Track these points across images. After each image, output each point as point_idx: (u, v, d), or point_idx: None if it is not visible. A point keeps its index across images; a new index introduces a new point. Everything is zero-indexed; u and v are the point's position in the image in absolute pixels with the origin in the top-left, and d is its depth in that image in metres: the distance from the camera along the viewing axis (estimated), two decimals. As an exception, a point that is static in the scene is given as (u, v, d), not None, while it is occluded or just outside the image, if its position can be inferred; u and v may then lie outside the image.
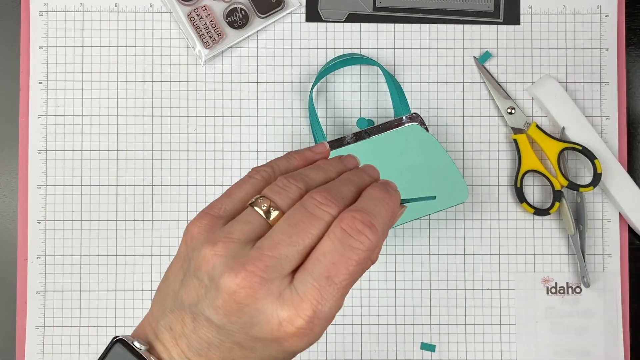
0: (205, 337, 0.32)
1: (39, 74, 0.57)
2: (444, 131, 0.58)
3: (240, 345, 0.32)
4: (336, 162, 0.38)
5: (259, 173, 0.36)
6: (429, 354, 0.57)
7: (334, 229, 0.32)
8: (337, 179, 0.36)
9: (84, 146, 0.57)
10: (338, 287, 0.32)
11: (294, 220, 0.32)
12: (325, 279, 0.31)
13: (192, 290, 0.32)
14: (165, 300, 0.34)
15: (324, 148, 0.39)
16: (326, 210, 0.33)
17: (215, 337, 0.32)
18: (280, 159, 0.38)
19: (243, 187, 0.36)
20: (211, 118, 0.58)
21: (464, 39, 0.58)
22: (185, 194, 0.57)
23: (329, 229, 0.32)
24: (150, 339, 0.34)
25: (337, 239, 0.32)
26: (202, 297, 0.32)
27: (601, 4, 0.58)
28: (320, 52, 0.58)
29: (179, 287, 0.34)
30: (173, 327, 0.33)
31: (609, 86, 0.58)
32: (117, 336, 0.34)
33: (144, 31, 0.58)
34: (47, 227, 0.57)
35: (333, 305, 0.32)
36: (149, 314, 0.35)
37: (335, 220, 0.32)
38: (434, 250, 0.57)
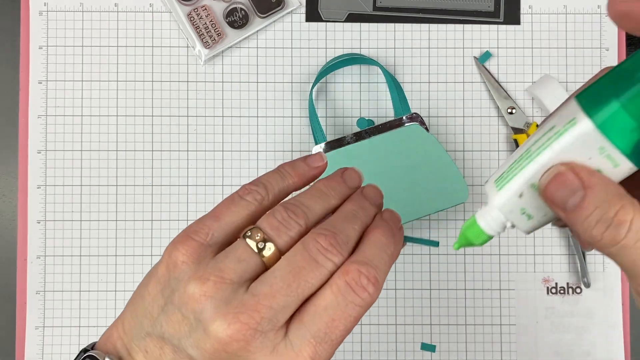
0: None
1: (39, 74, 0.57)
2: (444, 131, 0.58)
3: None
4: (338, 183, 0.35)
5: (252, 194, 0.33)
6: (429, 354, 0.57)
7: (337, 282, 0.30)
8: (341, 215, 0.33)
9: (83, 146, 0.57)
10: (334, 342, 0.30)
11: (295, 266, 0.30)
12: (323, 335, 0.30)
13: (175, 324, 0.30)
14: (141, 321, 0.32)
15: (321, 161, 0.36)
16: (330, 258, 0.31)
17: None
18: (273, 175, 0.35)
19: (233, 210, 0.33)
20: (211, 118, 0.57)
21: (464, 39, 0.58)
22: (185, 194, 0.57)
23: (331, 279, 0.30)
24: (121, 354, 0.32)
25: (340, 293, 0.30)
26: (185, 334, 0.30)
27: (601, 4, 0.58)
28: (320, 52, 0.58)
29: (159, 313, 0.31)
30: (149, 351, 0.31)
31: (609, 86, 0.58)
32: (87, 349, 0.32)
33: (144, 31, 0.58)
34: (47, 227, 0.57)
35: (326, 359, 0.30)
36: (119, 326, 0.33)
37: (340, 271, 0.30)
38: (434, 250, 0.57)
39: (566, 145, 0.26)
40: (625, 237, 0.25)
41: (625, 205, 0.25)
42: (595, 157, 0.26)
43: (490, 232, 0.30)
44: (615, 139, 0.25)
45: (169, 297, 0.31)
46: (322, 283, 0.30)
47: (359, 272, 0.30)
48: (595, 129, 0.26)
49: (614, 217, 0.25)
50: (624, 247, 0.25)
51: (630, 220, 0.25)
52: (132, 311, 0.33)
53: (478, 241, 0.31)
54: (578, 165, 0.26)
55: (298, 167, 0.35)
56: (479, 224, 0.30)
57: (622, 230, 0.25)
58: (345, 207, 0.34)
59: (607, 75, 0.27)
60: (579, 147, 0.26)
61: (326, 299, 0.30)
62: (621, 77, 0.26)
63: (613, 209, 0.25)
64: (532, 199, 0.28)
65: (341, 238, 0.31)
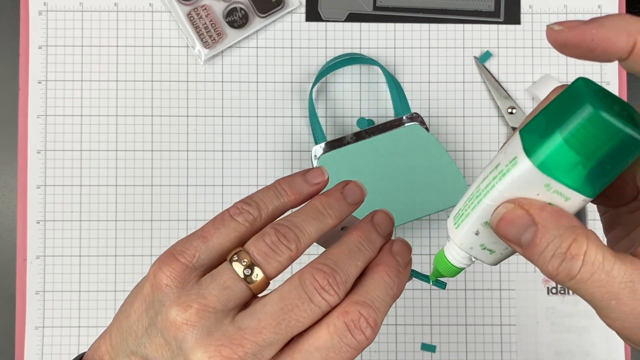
0: None
1: (39, 73, 0.57)
2: (444, 131, 0.58)
3: None
4: (337, 200, 0.32)
5: (243, 215, 0.31)
6: (429, 355, 0.57)
7: (335, 322, 0.28)
8: (345, 248, 0.31)
9: (83, 146, 0.57)
10: None
11: (287, 303, 0.28)
12: None
13: (158, 347, 0.29)
14: (126, 338, 0.31)
15: (321, 177, 0.33)
16: (326, 299, 0.29)
17: None
18: (268, 193, 0.32)
19: (222, 232, 0.31)
20: (211, 118, 0.57)
21: (464, 39, 0.58)
22: (185, 194, 0.57)
23: (328, 319, 0.29)
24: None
25: (337, 334, 0.28)
26: (168, 359, 0.29)
27: (601, 4, 0.58)
28: (320, 52, 0.58)
29: (142, 334, 0.30)
30: None
31: (609, 86, 0.58)
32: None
33: (144, 31, 0.58)
34: (47, 227, 0.57)
35: None
36: (107, 340, 0.32)
37: (338, 310, 0.29)
38: (434, 250, 0.57)
39: (510, 185, 0.26)
40: (579, 272, 0.25)
41: (578, 237, 0.25)
42: (542, 193, 0.25)
43: (459, 265, 0.30)
44: (560, 176, 0.25)
45: (153, 319, 0.30)
46: (313, 323, 0.29)
47: (359, 314, 0.28)
48: (536, 169, 0.25)
49: (567, 252, 0.25)
50: (580, 281, 0.25)
51: (583, 253, 0.25)
52: (118, 327, 0.32)
53: (449, 274, 0.31)
54: (526, 201, 0.26)
55: (295, 185, 0.33)
56: (447, 257, 0.30)
57: (576, 265, 0.25)
58: (351, 238, 0.31)
59: (548, 107, 0.26)
60: (524, 186, 0.25)
61: (321, 339, 0.28)
62: (562, 109, 0.24)
63: (566, 242, 0.25)
64: (489, 236, 0.28)
65: (341, 277, 0.29)
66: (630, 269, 0.25)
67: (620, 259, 0.25)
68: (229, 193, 0.57)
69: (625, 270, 0.25)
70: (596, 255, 0.25)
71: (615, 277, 0.25)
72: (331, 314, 0.29)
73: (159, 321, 0.29)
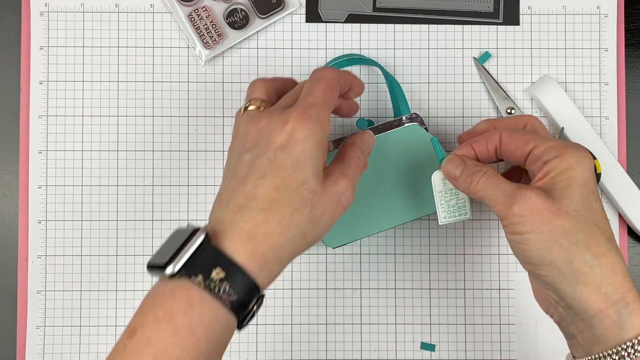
0: None
1: (40, 74, 0.57)
2: (443, 131, 0.58)
3: None
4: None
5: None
6: (429, 354, 0.57)
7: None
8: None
9: (84, 146, 0.57)
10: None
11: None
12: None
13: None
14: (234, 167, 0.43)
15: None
16: None
17: None
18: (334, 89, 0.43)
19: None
20: (211, 118, 0.58)
21: (463, 40, 0.58)
22: (186, 194, 0.57)
23: None
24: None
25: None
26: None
27: (601, 5, 0.58)
28: (320, 53, 0.58)
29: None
30: None
31: (608, 87, 0.58)
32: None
33: (144, 32, 0.58)
34: (48, 227, 0.57)
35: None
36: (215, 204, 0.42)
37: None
38: (434, 250, 0.57)
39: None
40: (479, 181, 0.44)
41: (483, 168, 0.45)
42: None
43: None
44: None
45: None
46: None
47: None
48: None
49: (473, 174, 0.45)
50: (481, 186, 0.44)
51: (484, 172, 0.44)
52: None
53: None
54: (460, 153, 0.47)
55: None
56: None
57: (477, 177, 0.44)
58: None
59: None
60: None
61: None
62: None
63: (475, 169, 0.45)
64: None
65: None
66: (510, 182, 0.43)
67: (507, 176, 0.47)
68: (230, 193, 0.57)
69: (509, 183, 0.43)
70: (489, 173, 0.44)
71: (501, 182, 0.43)
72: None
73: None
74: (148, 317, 0.36)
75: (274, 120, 0.40)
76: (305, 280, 0.57)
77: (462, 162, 0.46)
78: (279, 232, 0.38)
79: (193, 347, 0.35)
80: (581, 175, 0.42)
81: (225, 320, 0.37)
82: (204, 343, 0.36)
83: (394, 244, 0.57)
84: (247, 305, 0.37)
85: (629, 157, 0.58)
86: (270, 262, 0.38)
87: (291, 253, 0.39)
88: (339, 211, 0.41)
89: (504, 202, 0.42)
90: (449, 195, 0.49)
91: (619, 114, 0.58)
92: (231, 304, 0.36)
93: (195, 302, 0.36)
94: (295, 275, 0.57)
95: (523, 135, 0.45)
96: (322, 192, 0.40)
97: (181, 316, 0.35)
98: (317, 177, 0.40)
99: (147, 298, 0.37)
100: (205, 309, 0.36)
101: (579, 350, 0.43)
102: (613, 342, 0.40)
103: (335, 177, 0.41)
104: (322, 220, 0.40)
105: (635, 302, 0.40)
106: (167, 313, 0.36)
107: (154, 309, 0.36)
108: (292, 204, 0.38)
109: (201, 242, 0.37)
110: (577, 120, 0.56)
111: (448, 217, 0.50)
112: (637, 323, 0.40)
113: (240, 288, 0.37)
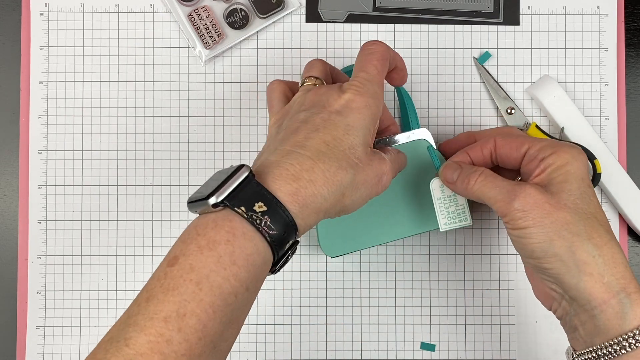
0: None
1: (40, 74, 0.57)
2: (443, 131, 0.58)
3: None
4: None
5: None
6: (429, 354, 0.57)
7: None
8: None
9: (84, 146, 0.57)
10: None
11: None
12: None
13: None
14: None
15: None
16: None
17: None
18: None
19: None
20: (211, 118, 0.58)
21: (463, 39, 0.58)
22: (186, 194, 0.57)
23: None
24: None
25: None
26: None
27: (601, 5, 0.58)
28: (320, 53, 0.58)
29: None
30: None
31: (609, 86, 0.58)
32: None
33: (144, 32, 0.58)
34: (48, 227, 0.57)
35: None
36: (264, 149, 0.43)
37: None
38: (434, 250, 0.57)
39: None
40: (476, 181, 0.45)
41: (479, 169, 0.46)
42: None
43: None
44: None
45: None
46: None
47: None
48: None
49: (470, 175, 0.46)
50: (478, 185, 0.45)
51: (480, 172, 0.46)
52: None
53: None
54: (457, 159, 0.49)
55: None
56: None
57: (474, 177, 0.46)
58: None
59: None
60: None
61: None
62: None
63: (470, 170, 0.46)
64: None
65: None
66: (507, 180, 0.45)
67: (502, 177, 0.46)
68: (230, 193, 0.57)
69: (507, 181, 0.44)
70: (486, 172, 0.46)
71: (499, 180, 0.45)
72: None
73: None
74: (191, 245, 0.36)
75: (332, 89, 0.42)
76: (306, 280, 0.57)
77: (459, 167, 0.47)
78: (322, 182, 0.39)
79: (234, 276, 0.36)
80: (577, 170, 0.43)
81: (264, 255, 0.37)
82: (245, 273, 0.36)
83: (394, 244, 0.57)
84: (284, 243, 0.38)
85: (629, 157, 0.58)
86: (309, 207, 0.38)
87: (328, 208, 0.40)
88: (377, 189, 0.42)
89: (504, 199, 0.43)
90: (447, 202, 0.50)
91: (619, 114, 0.58)
92: (271, 238, 0.37)
93: (237, 232, 0.36)
94: (295, 275, 0.57)
95: (517, 137, 0.47)
96: (367, 163, 0.41)
97: (224, 244, 0.36)
98: (365, 147, 0.41)
99: (188, 229, 0.37)
100: (247, 240, 0.36)
101: (580, 343, 0.43)
102: (615, 332, 0.40)
103: (381, 157, 0.43)
104: (360, 188, 0.41)
105: (637, 292, 0.41)
106: (210, 242, 0.36)
107: (197, 238, 0.36)
108: (339, 160, 0.39)
109: (245, 177, 0.38)
110: (577, 120, 0.56)
111: (448, 223, 0.50)
112: (639, 313, 0.40)
113: (280, 224, 0.37)
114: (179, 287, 0.35)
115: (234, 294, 0.36)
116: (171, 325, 0.34)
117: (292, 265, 0.57)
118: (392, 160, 0.44)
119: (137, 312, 0.34)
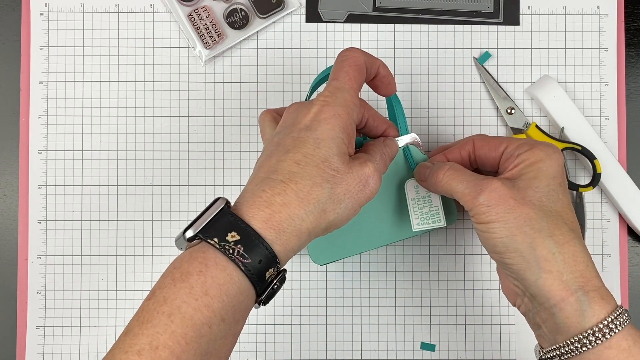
0: None
1: (40, 74, 0.57)
2: (443, 131, 0.58)
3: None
4: None
5: None
6: (429, 354, 0.57)
7: None
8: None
9: (84, 146, 0.57)
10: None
11: None
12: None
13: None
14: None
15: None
16: None
17: None
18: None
19: None
20: (211, 118, 0.58)
21: (463, 40, 0.58)
22: (186, 194, 0.57)
23: None
24: None
25: None
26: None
27: (601, 5, 0.58)
28: (320, 53, 0.58)
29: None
30: None
31: (609, 86, 0.58)
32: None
33: (144, 31, 0.58)
34: (48, 227, 0.57)
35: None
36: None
37: None
38: (434, 250, 0.57)
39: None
40: (444, 174, 0.46)
41: (447, 164, 0.47)
42: None
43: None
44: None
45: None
46: None
47: None
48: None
49: (440, 170, 0.46)
50: (444, 178, 0.46)
51: (447, 167, 0.46)
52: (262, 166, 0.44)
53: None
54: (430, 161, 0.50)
55: None
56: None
57: (442, 169, 0.46)
58: None
59: None
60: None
61: None
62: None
63: (440, 166, 0.47)
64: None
65: None
66: (476, 174, 0.45)
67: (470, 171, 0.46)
68: (229, 193, 0.57)
69: (475, 175, 0.45)
70: (454, 167, 0.46)
71: (467, 175, 0.45)
72: None
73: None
74: (166, 279, 0.37)
75: (302, 105, 0.42)
76: (305, 280, 0.57)
77: (431, 164, 0.48)
78: (296, 204, 0.38)
79: (206, 306, 0.36)
80: (550, 168, 0.43)
81: (239, 284, 0.37)
82: (218, 303, 0.36)
83: (393, 244, 0.57)
84: (263, 273, 0.38)
85: (629, 157, 0.58)
86: (286, 232, 0.38)
87: (309, 228, 0.39)
88: (365, 195, 0.41)
89: (470, 193, 0.44)
90: (422, 202, 0.50)
91: (619, 114, 0.58)
92: (245, 267, 0.37)
93: (210, 263, 0.37)
94: (295, 275, 0.57)
95: (495, 137, 0.48)
96: (346, 172, 0.40)
97: (196, 275, 0.36)
98: (341, 156, 0.40)
99: (169, 266, 0.38)
100: (220, 270, 0.37)
101: (545, 340, 0.43)
102: (575, 330, 0.41)
103: (362, 161, 0.42)
104: (344, 199, 0.40)
105: (595, 290, 0.41)
106: (184, 273, 0.36)
107: (172, 272, 0.37)
108: (312, 178, 0.39)
109: (220, 209, 0.38)
110: (577, 120, 0.56)
111: (421, 224, 0.50)
112: (597, 311, 0.40)
113: (255, 252, 0.37)
114: (153, 320, 0.35)
115: (208, 325, 0.36)
116: (144, 358, 0.34)
117: (292, 265, 0.57)
118: (375, 160, 0.43)
119: (115, 346, 0.35)
